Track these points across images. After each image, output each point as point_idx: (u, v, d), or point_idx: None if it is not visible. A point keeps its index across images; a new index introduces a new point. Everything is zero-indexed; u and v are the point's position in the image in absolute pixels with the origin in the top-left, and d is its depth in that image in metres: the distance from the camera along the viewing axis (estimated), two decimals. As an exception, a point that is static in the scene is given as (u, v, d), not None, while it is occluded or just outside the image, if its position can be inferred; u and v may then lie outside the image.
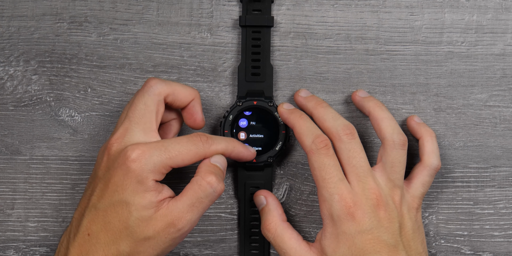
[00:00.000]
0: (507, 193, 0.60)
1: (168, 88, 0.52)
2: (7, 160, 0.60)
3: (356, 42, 0.60)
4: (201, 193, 0.49)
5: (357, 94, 0.58)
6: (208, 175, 0.49)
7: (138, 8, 0.60)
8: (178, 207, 0.49)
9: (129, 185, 0.48)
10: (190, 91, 0.53)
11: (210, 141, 0.51)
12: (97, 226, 0.49)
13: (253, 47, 0.58)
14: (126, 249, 0.48)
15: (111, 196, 0.49)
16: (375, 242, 0.51)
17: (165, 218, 0.48)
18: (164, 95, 0.52)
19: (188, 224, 0.49)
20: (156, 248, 0.49)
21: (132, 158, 0.48)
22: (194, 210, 0.49)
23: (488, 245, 0.60)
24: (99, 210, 0.49)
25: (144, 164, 0.48)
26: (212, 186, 0.49)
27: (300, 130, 0.54)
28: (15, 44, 0.60)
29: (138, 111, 0.51)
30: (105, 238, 0.48)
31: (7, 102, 0.60)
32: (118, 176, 0.48)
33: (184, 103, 0.53)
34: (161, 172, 0.49)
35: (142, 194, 0.48)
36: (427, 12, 0.60)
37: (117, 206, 0.48)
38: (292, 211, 0.60)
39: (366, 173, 0.53)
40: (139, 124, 0.51)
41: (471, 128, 0.60)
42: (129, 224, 0.48)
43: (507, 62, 0.60)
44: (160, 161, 0.48)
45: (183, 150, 0.49)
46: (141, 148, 0.48)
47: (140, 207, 0.48)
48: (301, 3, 0.60)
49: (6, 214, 0.60)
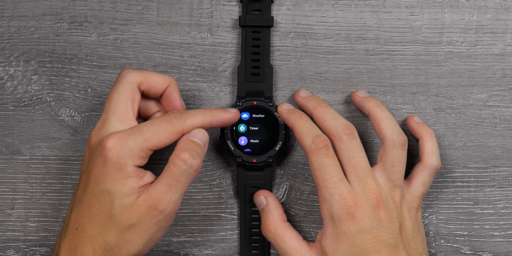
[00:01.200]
0: (507, 193, 0.60)
1: (141, 75, 0.52)
2: (7, 160, 0.60)
3: (356, 42, 0.60)
4: (176, 171, 0.49)
5: (357, 94, 0.58)
6: (181, 152, 0.49)
7: (138, 8, 0.60)
8: (157, 189, 0.48)
9: (108, 174, 0.48)
10: (164, 78, 0.53)
11: (184, 116, 0.50)
12: (83, 219, 0.49)
13: (253, 47, 0.58)
14: (113, 239, 0.48)
15: (93, 188, 0.49)
16: (375, 242, 0.51)
17: (146, 202, 0.48)
18: (138, 83, 0.52)
19: (169, 204, 0.49)
20: (142, 235, 0.49)
21: (107, 147, 0.48)
22: (173, 190, 0.49)
23: (488, 245, 0.60)
24: (83, 203, 0.49)
25: (119, 151, 0.48)
26: (186, 162, 0.49)
27: (299, 130, 0.54)
28: (15, 44, 0.60)
29: (113, 101, 0.51)
30: (91, 230, 0.48)
31: (7, 102, 0.60)
32: (97, 167, 0.49)
33: (160, 90, 0.53)
34: (140, 156, 0.49)
35: (123, 181, 0.48)
36: (427, 12, 0.60)
37: (100, 197, 0.48)
38: (292, 211, 0.60)
39: (366, 173, 0.53)
40: (115, 113, 0.51)
41: (471, 128, 0.60)
42: (112, 213, 0.48)
43: (507, 62, 0.60)
44: (136, 145, 0.48)
45: (157, 130, 0.49)
46: (115, 136, 0.48)
47: (121, 195, 0.48)
48: (301, 3, 0.60)
49: (6, 214, 0.60)
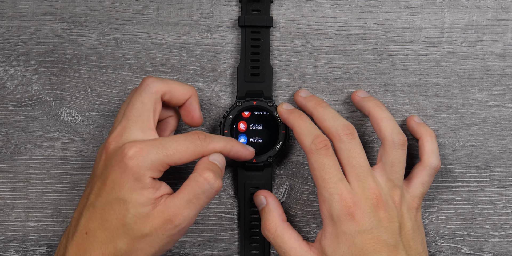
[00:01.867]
0: (507, 193, 0.60)
1: (165, 86, 0.52)
2: (7, 160, 0.60)
3: (356, 42, 0.60)
4: (198, 189, 0.49)
5: (356, 94, 0.58)
6: (205, 172, 0.49)
7: (138, 8, 0.60)
8: (175, 204, 0.49)
9: (126, 182, 0.48)
10: (187, 89, 0.53)
11: (208, 139, 0.51)
12: (94, 224, 0.49)
13: (253, 47, 0.58)
14: (123, 246, 0.48)
15: (108, 194, 0.49)
16: (375, 242, 0.51)
17: (162, 215, 0.48)
18: (161, 93, 0.52)
19: (185, 220, 0.49)
20: (153, 245, 0.49)
21: (129, 155, 0.48)
22: (191, 207, 0.49)
23: (488, 245, 0.60)
24: (96, 208, 0.49)
25: (141, 161, 0.48)
26: (209, 182, 0.49)
27: (299, 130, 0.54)
28: (15, 44, 0.60)
29: (136, 110, 0.51)
30: (102, 236, 0.48)
31: (7, 102, 0.60)
32: (115, 173, 0.48)
33: (181, 101, 0.53)
34: (158, 170, 0.49)
35: (139, 191, 0.48)
36: (427, 12, 0.60)
37: (114, 204, 0.48)
38: (292, 211, 0.60)
39: (366, 173, 0.53)
40: (137, 122, 0.51)
41: (471, 128, 0.60)
42: (126, 221, 0.48)
43: (507, 62, 0.60)
44: (158, 159, 0.48)
45: (180, 148, 0.49)
46: (138, 145, 0.48)
47: (137, 204, 0.48)
48: (301, 3, 0.60)
49: (6, 214, 0.60)
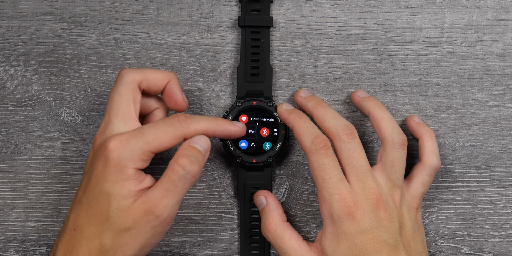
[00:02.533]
0: (507, 193, 0.60)
1: (140, 74, 0.52)
2: (7, 160, 0.60)
3: (356, 42, 0.60)
4: (174, 176, 0.48)
5: (356, 94, 0.58)
6: (180, 158, 0.48)
7: (138, 8, 0.60)
8: (154, 194, 0.48)
9: (108, 175, 0.48)
10: (163, 74, 0.53)
11: (188, 120, 0.50)
12: (81, 220, 0.49)
13: (252, 48, 0.58)
14: (108, 241, 0.48)
15: (93, 189, 0.48)
16: (375, 242, 0.51)
17: (142, 206, 0.48)
18: (138, 82, 0.51)
19: (165, 210, 0.48)
20: (138, 239, 0.48)
21: (109, 148, 0.48)
22: (170, 195, 0.48)
23: (488, 245, 0.60)
24: (83, 204, 0.49)
25: (121, 153, 0.48)
26: (185, 168, 0.48)
27: (299, 130, 0.54)
28: (15, 44, 0.60)
29: (115, 103, 0.51)
30: (89, 231, 0.48)
31: (7, 102, 0.60)
32: (99, 168, 0.48)
33: (160, 86, 0.53)
34: (141, 159, 0.48)
35: (121, 183, 0.48)
36: (427, 12, 0.60)
37: (99, 198, 0.48)
38: (292, 211, 0.60)
39: (366, 173, 0.53)
40: (117, 115, 0.50)
41: (471, 128, 0.60)
42: (109, 215, 0.48)
43: (507, 62, 0.60)
44: (138, 148, 0.48)
45: (159, 133, 0.49)
46: (117, 137, 0.48)
47: (119, 197, 0.48)
48: (301, 3, 0.60)
49: (6, 214, 0.60)
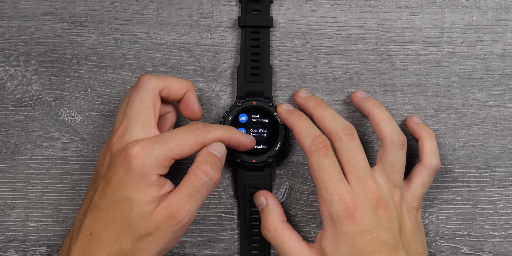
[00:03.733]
0: (507, 193, 0.60)
1: (162, 82, 0.52)
2: (7, 160, 0.60)
3: (356, 42, 0.60)
4: (197, 182, 0.49)
5: (356, 94, 0.58)
6: (203, 165, 0.49)
7: (138, 8, 0.60)
8: (176, 199, 0.49)
9: (131, 181, 0.48)
10: (184, 83, 0.53)
11: (207, 128, 0.51)
12: (99, 225, 0.49)
13: (252, 48, 0.58)
14: (128, 246, 0.48)
15: (113, 194, 0.49)
16: (375, 242, 0.51)
17: (165, 211, 0.48)
18: (159, 90, 0.52)
19: (187, 215, 0.49)
20: (158, 244, 0.49)
21: (133, 154, 0.48)
22: (192, 200, 0.49)
23: (488, 245, 0.60)
24: (101, 208, 0.49)
25: (145, 159, 0.48)
26: (208, 175, 0.49)
27: (299, 131, 0.54)
28: (15, 44, 0.60)
29: (135, 108, 0.51)
30: (107, 236, 0.48)
31: (7, 102, 0.60)
32: (120, 173, 0.49)
33: (180, 95, 0.53)
34: (163, 166, 0.49)
35: (145, 189, 0.48)
36: (427, 12, 0.60)
37: (119, 203, 0.48)
38: (292, 211, 0.60)
39: (365, 174, 0.53)
40: (137, 121, 0.51)
41: (471, 128, 0.60)
42: (131, 220, 0.48)
43: (507, 62, 0.60)
44: (161, 154, 0.49)
45: (181, 140, 0.50)
46: (140, 144, 0.49)
47: (142, 203, 0.48)
48: (301, 3, 0.60)
49: (6, 214, 0.60)
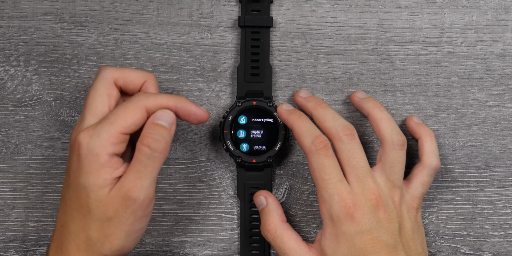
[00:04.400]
0: (507, 193, 0.60)
1: (117, 71, 0.52)
2: (7, 160, 0.60)
3: (356, 42, 0.60)
4: (141, 157, 0.48)
5: (356, 95, 0.58)
6: (145, 138, 0.48)
7: (138, 8, 0.60)
8: (127, 178, 0.48)
9: (82, 167, 0.48)
10: (141, 74, 0.53)
11: (148, 94, 0.50)
12: (67, 216, 0.49)
13: (252, 48, 0.58)
14: (94, 234, 0.48)
15: (72, 184, 0.49)
16: (374, 243, 0.51)
17: (118, 193, 0.48)
18: (114, 79, 0.51)
19: (141, 192, 0.48)
20: (121, 227, 0.48)
21: (79, 140, 0.48)
22: (142, 176, 0.48)
23: (488, 245, 0.60)
24: (66, 200, 0.49)
25: (90, 142, 0.48)
26: (150, 147, 0.48)
27: (299, 131, 0.54)
28: (16, 44, 0.60)
29: (90, 97, 0.51)
30: (73, 226, 0.49)
31: (7, 102, 0.60)
32: (74, 162, 0.49)
33: (137, 85, 0.52)
34: (112, 143, 0.48)
35: (95, 173, 0.48)
36: (427, 12, 0.60)
37: (77, 192, 0.48)
38: (292, 211, 0.60)
39: (365, 174, 0.53)
40: (90, 110, 0.50)
41: (471, 128, 0.60)
42: (90, 207, 0.48)
43: (507, 62, 0.60)
44: (104, 132, 0.48)
45: (119, 111, 0.49)
46: (85, 129, 0.48)
47: (95, 187, 0.48)
48: (301, 3, 0.60)
49: (6, 214, 0.60)
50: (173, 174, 0.59)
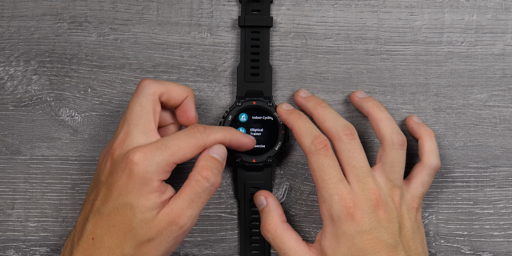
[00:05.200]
0: (507, 193, 0.60)
1: (162, 87, 0.52)
2: (7, 160, 0.60)
3: (356, 42, 0.60)
4: (198, 188, 0.49)
5: (355, 95, 0.58)
6: (204, 170, 0.50)
7: (138, 8, 0.60)
8: (178, 205, 0.49)
9: (133, 188, 0.48)
10: (183, 89, 0.53)
11: (208, 131, 0.51)
12: (101, 230, 0.49)
13: (252, 47, 0.58)
14: (130, 251, 0.48)
15: (115, 200, 0.49)
16: (374, 243, 0.51)
17: (166, 217, 0.49)
18: (159, 94, 0.52)
19: (189, 220, 0.49)
20: (159, 248, 0.49)
21: (134, 161, 0.48)
22: (194, 206, 0.49)
23: (488, 245, 0.60)
24: (103, 214, 0.49)
25: (147, 166, 0.48)
26: (209, 180, 0.49)
27: (299, 131, 0.54)
28: (15, 44, 0.60)
29: (135, 113, 0.51)
30: (109, 241, 0.48)
31: (7, 102, 0.60)
32: (122, 180, 0.49)
33: (179, 101, 0.53)
34: (165, 171, 0.49)
35: (146, 195, 0.48)
36: (427, 12, 0.60)
37: (121, 209, 0.48)
38: (292, 211, 0.60)
39: (365, 174, 0.53)
40: (137, 126, 0.51)
41: (471, 128, 0.60)
42: (132, 226, 0.48)
43: (507, 62, 0.60)
44: (163, 160, 0.49)
45: (182, 144, 0.50)
46: (142, 150, 0.49)
47: (144, 209, 0.48)
48: (301, 3, 0.60)
49: (6, 214, 0.60)
50: (173, 174, 0.59)
